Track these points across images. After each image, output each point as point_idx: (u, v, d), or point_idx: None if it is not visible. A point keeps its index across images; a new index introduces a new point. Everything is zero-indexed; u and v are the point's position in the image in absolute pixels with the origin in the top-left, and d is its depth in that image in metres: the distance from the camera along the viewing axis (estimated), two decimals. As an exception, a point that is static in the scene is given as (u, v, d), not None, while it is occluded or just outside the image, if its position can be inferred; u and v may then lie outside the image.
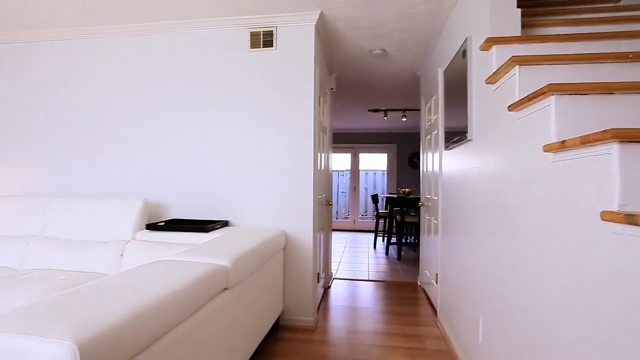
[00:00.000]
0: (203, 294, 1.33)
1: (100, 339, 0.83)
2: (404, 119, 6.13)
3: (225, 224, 2.56)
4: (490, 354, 1.56)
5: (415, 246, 5.78)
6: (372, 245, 5.93)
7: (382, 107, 5.63)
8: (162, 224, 2.45)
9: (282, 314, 2.59)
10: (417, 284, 3.69)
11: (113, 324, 0.88)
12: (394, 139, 7.93)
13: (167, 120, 2.74)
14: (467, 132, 1.89)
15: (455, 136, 2.14)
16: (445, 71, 2.49)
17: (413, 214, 5.36)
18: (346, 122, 7.00)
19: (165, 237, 2.33)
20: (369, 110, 5.82)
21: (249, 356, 1.84)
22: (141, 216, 2.47)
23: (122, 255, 2.27)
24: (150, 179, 2.76)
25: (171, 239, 2.31)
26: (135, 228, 2.41)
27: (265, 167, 2.60)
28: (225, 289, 1.55)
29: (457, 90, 2.12)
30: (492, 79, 1.47)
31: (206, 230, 2.28)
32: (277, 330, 2.48)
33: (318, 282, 2.83)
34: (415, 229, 5.64)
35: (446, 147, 2.44)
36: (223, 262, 1.56)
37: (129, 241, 2.34)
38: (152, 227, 2.40)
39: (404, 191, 5.67)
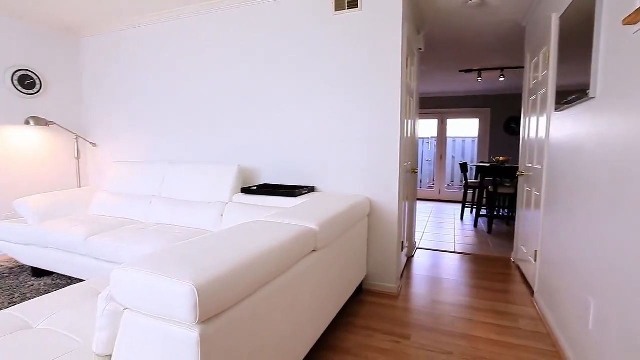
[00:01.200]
0: (294, 253, 1.42)
1: (212, 284, 0.96)
2: (502, 79, 5.46)
3: (311, 189, 2.66)
4: (603, 343, 1.39)
5: (509, 219, 5.30)
6: (459, 216, 5.61)
7: (476, 67, 5.07)
8: (255, 188, 2.65)
9: (365, 278, 2.66)
10: (510, 259, 3.42)
11: (222, 273, 1.01)
12: (487, 102, 7.17)
13: (258, 91, 2.89)
14: (587, 90, 1.59)
15: (570, 95, 1.83)
16: (561, 16, 2.10)
17: (508, 184, 4.87)
18: (434, 86, 6.52)
19: (257, 200, 2.53)
20: (460, 71, 5.31)
21: (334, 315, 1.95)
22: (236, 180, 2.70)
23: (222, 215, 2.55)
24: (244, 147, 2.99)
25: (263, 202, 2.50)
26: (232, 191, 2.66)
27: (352, 134, 2.59)
28: (313, 250, 1.64)
29: (576, 38, 1.78)
30: (634, 17, 1.19)
31: (294, 195, 2.41)
32: (360, 294, 2.57)
33: (402, 251, 2.81)
34: (509, 201, 5.15)
35: (557, 109, 2.12)
36: (312, 225, 1.64)
37: (227, 203, 2.61)
38: (246, 190, 2.62)
39: (498, 160, 5.16)
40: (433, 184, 7.74)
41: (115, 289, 1.03)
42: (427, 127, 7.69)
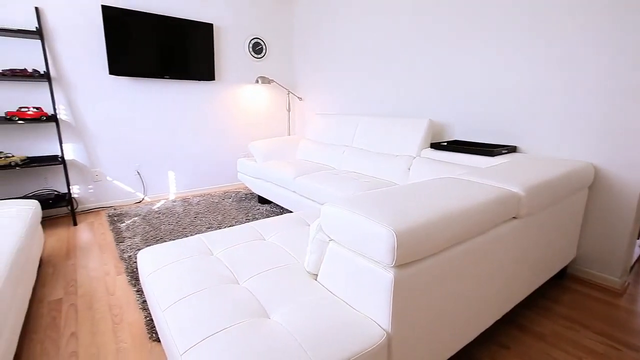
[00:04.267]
0: (493, 216, 1.29)
1: (411, 231, 0.98)
2: None
3: (512, 149, 2.30)
4: None
5: None
6: None
7: None
8: (445, 144, 2.51)
9: (573, 262, 2.20)
10: None
11: (419, 222, 1.01)
12: None
13: (451, 41, 2.61)
14: None
15: None
16: None
17: None
18: None
19: (447, 156, 2.39)
20: None
21: (528, 292, 1.71)
22: (426, 135, 2.62)
23: (408, 168, 2.56)
24: (435, 100, 2.83)
25: (453, 159, 2.35)
26: (421, 146, 2.61)
27: (579, 84, 2.04)
28: (514, 217, 1.44)
29: None
30: None
31: (492, 154, 2.15)
32: (564, 278, 2.15)
33: (638, 238, 2.14)
34: None
35: None
36: (515, 188, 1.43)
37: (414, 157, 2.58)
38: (435, 146, 2.52)
39: None
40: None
41: (323, 222, 1.20)
42: None
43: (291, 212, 3.10)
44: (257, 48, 4.13)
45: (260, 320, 1.03)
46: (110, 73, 3.15)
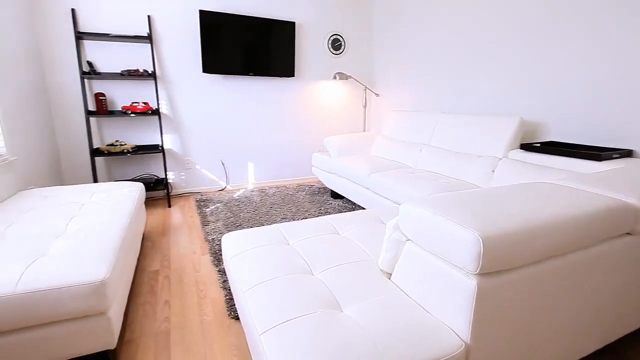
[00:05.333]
0: (597, 231, 1.12)
1: (499, 238, 0.90)
2: None
3: (627, 153, 1.98)
4: None
5: None
6: None
7: None
8: (538, 145, 2.26)
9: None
10: None
11: (510, 229, 0.93)
12: None
13: (545, 29, 2.32)
14: None
15: None
16: None
17: None
18: None
19: (540, 159, 2.15)
20: None
21: (641, 322, 1.47)
22: (515, 135, 2.39)
23: (492, 171, 2.36)
24: (524, 97, 2.56)
25: (548, 163, 2.10)
26: (509, 146, 2.39)
27: None
28: (627, 233, 1.24)
29: None
30: None
31: (599, 159, 1.87)
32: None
33: None
34: None
35: None
36: (631, 199, 1.23)
37: (501, 158, 2.38)
38: (526, 147, 2.28)
39: None
40: None
41: (401, 221, 1.17)
42: None
43: (363, 208, 3.09)
44: (336, 44, 4.17)
45: (334, 313, 1.05)
46: (204, 71, 3.46)
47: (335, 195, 3.57)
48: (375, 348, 0.90)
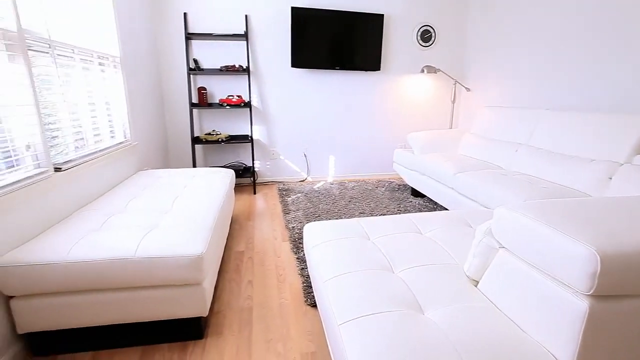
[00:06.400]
0: None
1: (622, 256, 0.77)
2: None
3: None
4: None
5: None
6: None
7: None
8: (676, 150, 1.87)
9: None
10: None
11: (636, 246, 0.79)
12: None
13: None
14: None
15: None
16: None
17: None
18: None
19: (678, 168, 1.78)
20: None
21: None
22: (644, 137, 2.01)
23: (610, 178, 2.03)
24: (666, 91, 2.12)
25: (689, 172, 1.73)
26: (634, 151, 2.02)
27: None
28: None
29: None
30: None
31: None
32: None
33: None
34: None
35: None
36: None
37: (621, 164, 2.02)
38: (659, 152, 1.90)
39: None
40: None
41: (495, 226, 1.07)
42: None
43: (446, 209, 2.93)
44: (426, 36, 3.97)
45: (415, 314, 1.02)
46: (292, 66, 3.60)
47: (416, 194, 3.44)
48: (457, 354, 0.85)
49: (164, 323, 1.47)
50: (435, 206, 3.13)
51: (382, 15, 3.68)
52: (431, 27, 3.96)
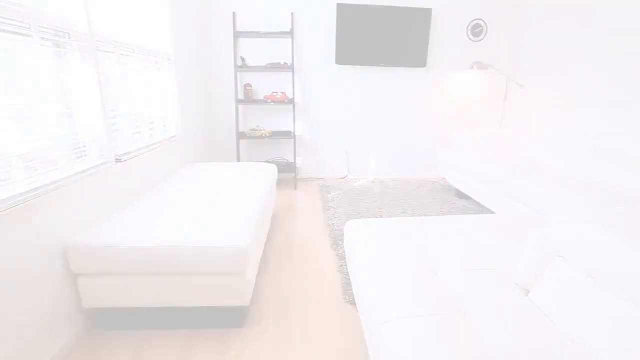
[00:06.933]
0: None
1: None
2: None
3: None
4: None
5: None
6: None
7: None
8: None
9: None
10: None
11: None
12: None
13: None
14: None
15: None
16: None
17: None
18: None
19: None
20: None
21: None
22: None
23: (687, 185, 1.81)
24: None
25: None
26: None
27: None
28: None
29: None
30: None
31: None
32: None
33: None
34: None
35: None
36: None
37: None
38: None
39: None
40: None
41: (554, 234, 1.00)
42: None
43: (492, 212, 2.79)
44: (477, 30, 3.79)
45: (458, 319, 0.98)
46: (336, 62, 3.60)
47: (460, 195, 3.31)
48: (509, 369, 0.81)
49: (208, 310, 1.54)
50: (481, 209, 2.99)
51: (430, 9, 3.56)
52: (482, 21, 3.77)
